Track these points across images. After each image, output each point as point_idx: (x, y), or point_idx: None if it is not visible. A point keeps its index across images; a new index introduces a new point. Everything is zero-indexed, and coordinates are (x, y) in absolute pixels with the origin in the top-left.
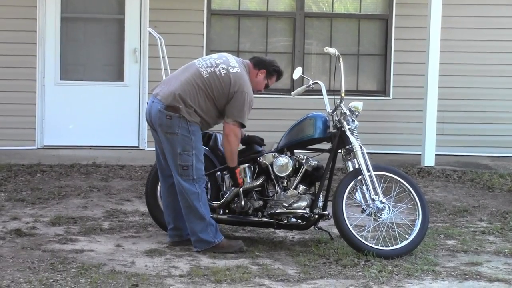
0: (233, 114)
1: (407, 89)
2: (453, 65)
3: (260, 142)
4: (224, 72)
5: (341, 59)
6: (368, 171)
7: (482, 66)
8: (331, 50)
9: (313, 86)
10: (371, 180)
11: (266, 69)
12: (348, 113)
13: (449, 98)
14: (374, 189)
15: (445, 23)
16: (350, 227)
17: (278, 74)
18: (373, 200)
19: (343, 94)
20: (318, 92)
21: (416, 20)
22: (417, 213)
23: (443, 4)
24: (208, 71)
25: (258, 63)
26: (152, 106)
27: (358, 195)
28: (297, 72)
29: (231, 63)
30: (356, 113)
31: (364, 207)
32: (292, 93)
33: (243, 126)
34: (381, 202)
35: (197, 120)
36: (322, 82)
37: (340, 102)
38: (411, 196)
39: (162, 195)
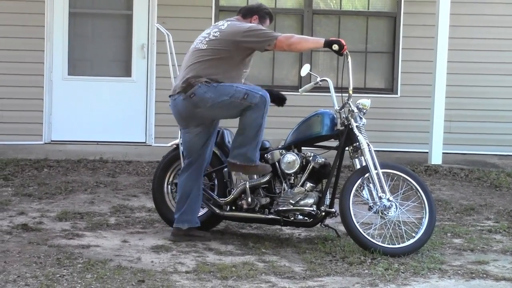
0: (262, 41)
1: (414, 87)
2: (461, 63)
3: (283, 97)
4: (218, 32)
5: (349, 57)
6: (376, 169)
7: (490, 64)
8: (338, 48)
9: (320, 83)
10: (378, 178)
11: (257, 14)
12: (355, 110)
13: (456, 96)
14: (381, 187)
15: (453, 21)
16: (356, 225)
17: (270, 16)
18: (380, 198)
19: (350, 92)
20: (326, 89)
21: (424, 18)
22: (424, 211)
23: (451, 2)
24: (205, 42)
25: (247, 12)
26: (176, 102)
27: (365, 193)
28: (305, 69)
29: (219, 24)
30: (364, 111)
31: (371, 205)
32: (300, 90)
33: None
34: (388, 200)
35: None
36: (330, 79)
37: (348, 100)
38: (418, 194)
39: (181, 182)
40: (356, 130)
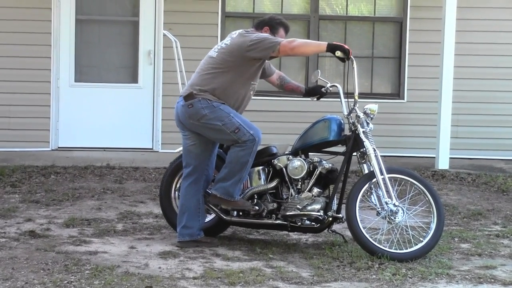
0: (266, 49)
1: (421, 92)
2: (467, 68)
3: (322, 91)
4: (229, 40)
5: (354, 62)
6: (382, 174)
7: (496, 69)
8: (341, 54)
9: (331, 89)
10: (384, 183)
11: (268, 25)
12: (361, 116)
13: (463, 101)
14: (387, 192)
15: (460, 26)
16: (363, 230)
17: (284, 26)
18: (386, 203)
19: (356, 97)
20: (333, 95)
21: (430, 23)
22: (432, 215)
23: (458, 7)
24: (216, 51)
25: (259, 23)
26: (178, 105)
27: (373, 198)
28: (316, 75)
29: (233, 33)
30: (372, 116)
31: (379, 210)
32: (312, 77)
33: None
34: (394, 205)
35: (216, 99)
36: (340, 85)
37: (354, 105)
38: (426, 198)
39: (180, 193)
40: (362, 136)
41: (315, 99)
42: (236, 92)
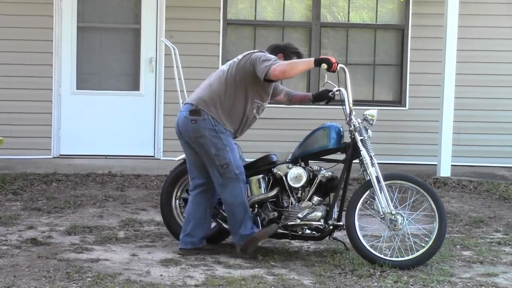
0: (264, 67)
1: (423, 99)
2: (469, 75)
3: (329, 96)
4: (240, 57)
5: (346, 72)
6: (379, 182)
7: (498, 77)
8: (326, 67)
9: (337, 93)
10: (382, 191)
11: (283, 52)
12: (357, 124)
13: (465, 108)
14: (386, 200)
15: (462, 34)
16: (362, 239)
17: (298, 56)
18: (384, 211)
19: (351, 105)
20: (334, 102)
21: (432, 30)
22: (434, 219)
23: (460, 14)
24: (228, 65)
25: (274, 49)
26: (179, 116)
27: (375, 206)
28: (323, 80)
29: (245, 52)
30: (371, 122)
31: (381, 217)
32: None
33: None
34: (391, 213)
35: (221, 122)
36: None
37: (350, 114)
38: (428, 202)
39: (188, 202)
40: (360, 144)
41: (324, 103)
42: (241, 109)
